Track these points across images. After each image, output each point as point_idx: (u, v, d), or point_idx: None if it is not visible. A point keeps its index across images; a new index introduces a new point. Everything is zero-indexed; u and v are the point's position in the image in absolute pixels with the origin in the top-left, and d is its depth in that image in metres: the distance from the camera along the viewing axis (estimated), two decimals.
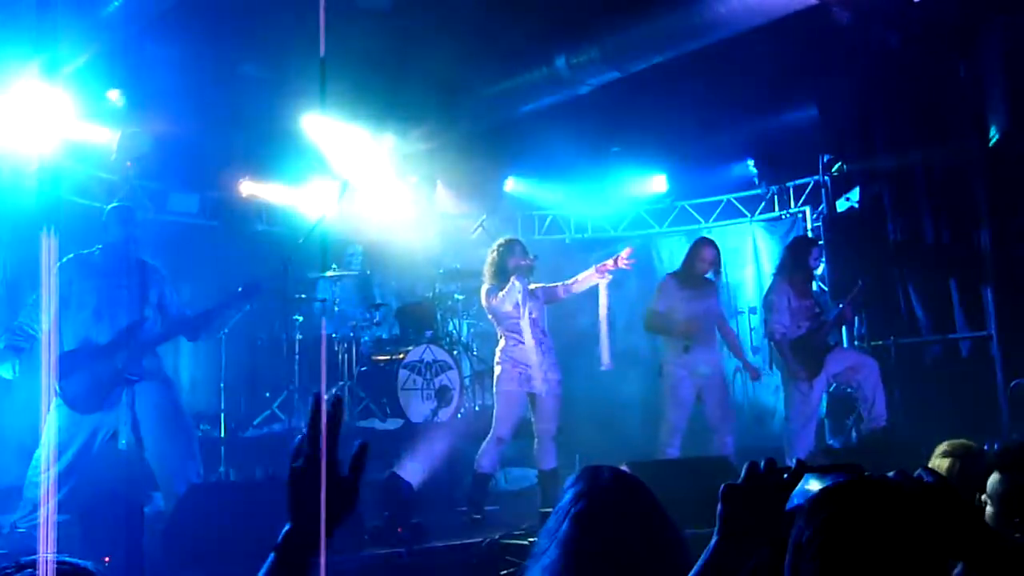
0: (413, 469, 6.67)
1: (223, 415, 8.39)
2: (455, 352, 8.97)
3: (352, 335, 8.87)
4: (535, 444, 6.68)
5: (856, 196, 9.23)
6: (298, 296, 8.97)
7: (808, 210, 10.10)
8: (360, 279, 9.56)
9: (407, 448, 7.22)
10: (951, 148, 8.01)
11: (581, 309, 11.07)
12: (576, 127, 9.69)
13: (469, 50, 8.34)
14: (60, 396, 5.63)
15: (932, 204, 8.32)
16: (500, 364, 6.65)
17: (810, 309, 7.36)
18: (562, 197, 11.49)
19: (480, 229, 8.82)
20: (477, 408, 8.96)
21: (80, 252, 5.95)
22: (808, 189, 10.11)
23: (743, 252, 10.74)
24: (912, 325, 8.48)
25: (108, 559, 4.42)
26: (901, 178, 8.63)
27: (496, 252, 6.74)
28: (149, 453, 5.74)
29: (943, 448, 3.42)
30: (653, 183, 11.16)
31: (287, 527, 1.76)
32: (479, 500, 6.57)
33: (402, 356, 8.53)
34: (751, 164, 9.92)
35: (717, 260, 7.36)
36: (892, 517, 1.56)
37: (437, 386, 8.55)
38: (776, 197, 10.34)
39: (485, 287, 6.74)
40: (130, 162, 8.07)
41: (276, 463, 7.68)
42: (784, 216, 10.35)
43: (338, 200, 8.40)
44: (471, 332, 9.66)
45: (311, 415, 1.78)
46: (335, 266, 9.24)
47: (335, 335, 8.85)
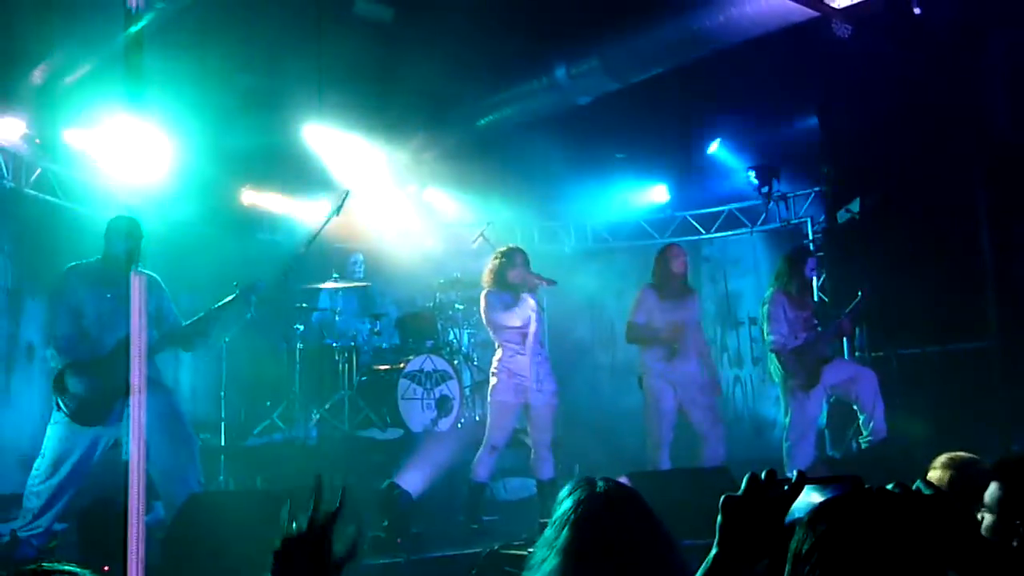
0: (413, 479, 6.66)
1: (223, 424, 8.38)
2: (455, 362, 8.97)
3: (352, 344, 8.87)
4: (531, 455, 6.68)
5: (857, 207, 9.22)
6: (299, 305, 8.98)
7: (809, 221, 10.10)
8: (361, 289, 9.57)
9: (407, 458, 7.22)
10: (952, 159, 8.02)
11: (580, 320, 11.14)
12: (577, 137, 9.71)
13: (470, 60, 8.37)
14: (62, 409, 5.61)
15: (933, 215, 8.32)
16: (496, 374, 6.65)
17: (808, 320, 7.34)
18: (562, 207, 11.49)
19: (481, 239, 8.82)
20: (477, 418, 8.95)
21: (80, 262, 5.95)
22: (809, 200, 10.12)
23: (744, 263, 10.74)
24: (913, 336, 8.47)
25: (108, 568, 4.40)
26: (902, 189, 8.63)
27: (497, 260, 6.74)
28: (150, 462, 5.71)
29: (942, 460, 3.42)
30: (654, 193, 11.17)
31: None
32: (476, 509, 6.57)
33: (402, 366, 8.53)
34: (752, 175, 9.91)
35: (684, 259, 7.31)
36: (891, 529, 1.56)
37: (437, 396, 8.55)
38: (777, 208, 10.34)
39: (484, 293, 6.74)
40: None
41: (276, 472, 7.69)
42: (785, 227, 10.35)
43: (338, 210, 8.40)
44: (472, 342, 9.65)
45: (314, 495, 1.77)
46: (336, 275, 9.25)
47: (336, 344, 8.84)
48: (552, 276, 6.85)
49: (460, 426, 8.64)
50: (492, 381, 6.68)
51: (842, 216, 9.48)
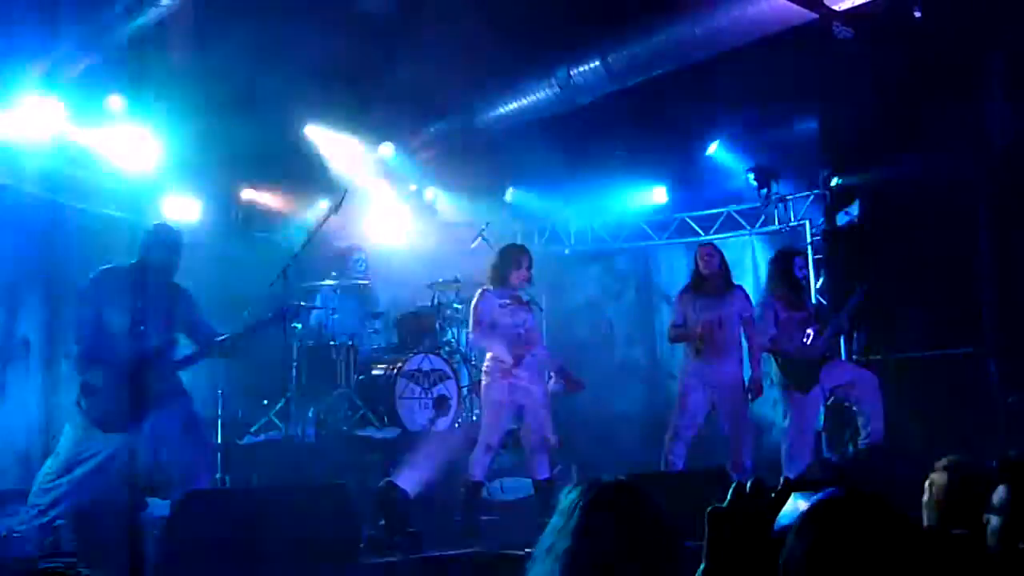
0: (410, 478, 6.65)
1: (220, 422, 8.36)
2: (453, 361, 8.97)
3: (350, 343, 8.85)
4: (526, 454, 6.67)
5: (856, 210, 9.23)
6: (297, 304, 8.96)
7: (808, 223, 10.10)
8: (359, 287, 9.55)
9: (404, 457, 7.21)
10: (951, 164, 8.02)
11: (579, 321, 11.13)
12: (577, 138, 9.70)
13: (471, 60, 8.35)
14: (84, 413, 5.51)
15: (931, 219, 8.32)
16: (488, 373, 6.64)
17: (803, 321, 7.32)
18: (562, 207, 11.49)
19: (480, 239, 8.82)
20: (475, 418, 8.94)
21: (114, 265, 5.88)
22: (808, 202, 10.11)
23: (742, 265, 10.73)
24: (910, 340, 8.46)
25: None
26: (901, 193, 8.63)
27: (503, 259, 6.73)
28: (168, 462, 5.72)
29: (941, 463, 3.41)
30: (654, 195, 11.17)
31: None
32: (472, 508, 6.56)
33: (400, 365, 8.52)
34: (751, 177, 9.91)
35: (715, 258, 7.26)
36: (881, 533, 1.56)
37: (435, 395, 8.55)
38: (776, 210, 10.34)
39: (481, 290, 6.73)
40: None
41: (273, 471, 7.67)
42: (784, 229, 10.34)
43: (336, 208, 8.39)
44: (470, 341, 9.64)
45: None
46: (335, 274, 9.24)
47: (334, 343, 8.83)
48: (552, 277, 6.85)
49: (457, 426, 8.64)
50: (484, 380, 6.67)
51: (841, 219, 9.49)
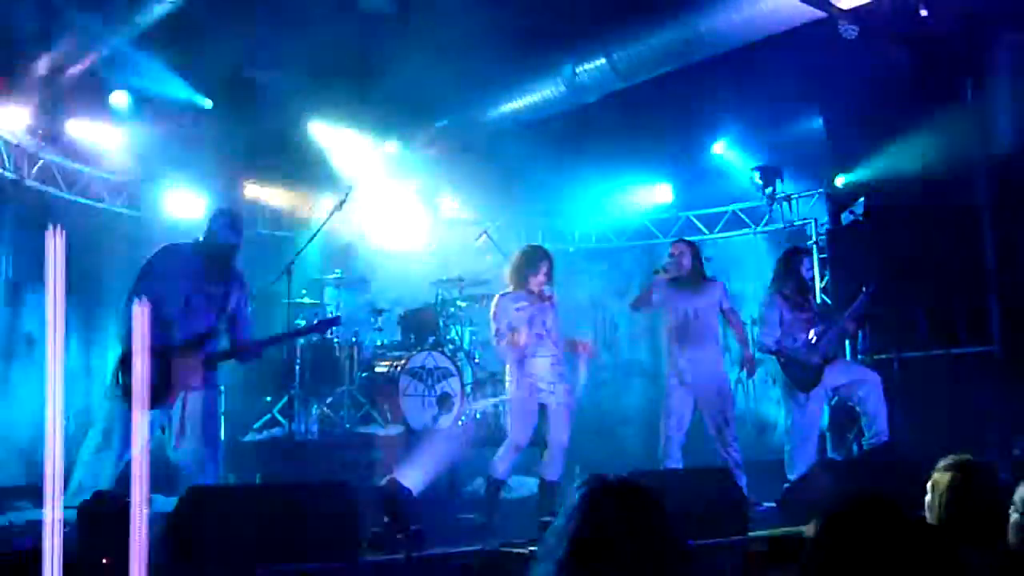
0: (413, 475, 6.63)
1: (223, 418, 8.36)
2: (457, 359, 8.96)
3: (354, 340, 8.86)
4: (544, 454, 6.63)
5: (860, 209, 9.22)
6: (301, 300, 8.97)
7: (812, 222, 10.08)
8: (363, 284, 9.55)
9: (407, 454, 7.20)
10: (956, 162, 8.00)
11: (583, 320, 11.12)
12: (582, 135, 9.70)
13: (477, 58, 8.35)
14: (119, 385, 5.44)
15: (936, 218, 8.30)
16: (510, 373, 6.60)
17: (808, 320, 7.30)
18: (567, 206, 11.48)
19: (484, 237, 8.81)
20: (478, 415, 8.94)
21: (179, 244, 5.83)
22: (813, 201, 10.10)
23: (746, 264, 10.71)
24: (915, 339, 8.45)
25: (107, 560, 4.39)
26: (905, 191, 8.61)
27: (522, 261, 6.65)
28: (182, 453, 5.64)
29: (945, 463, 3.40)
30: (658, 193, 11.15)
31: None
32: (492, 506, 6.50)
33: (404, 362, 8.52)
34: (756, 175, 9.89)
35: (685, 256, 7.20)
36: (900, 541, 1.55)
37: (438, 393, 8.54)
38: (780, 209, 10.32)
39: (498, 295, 6.66)
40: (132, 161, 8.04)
41: (276, 468, 7.68)
42: (788, 228, 10.33)
43: (341, 205, 8.39)
44: (473, 339, 9.63)
45: None
46: (339, 271, 9.24)
47: (337, 340, 8.83)
48: (556, 275, 6.79)
49: (461, 423, 8.63)
50: (508, 380, 6.65)
51: (846, 218, 9.48)
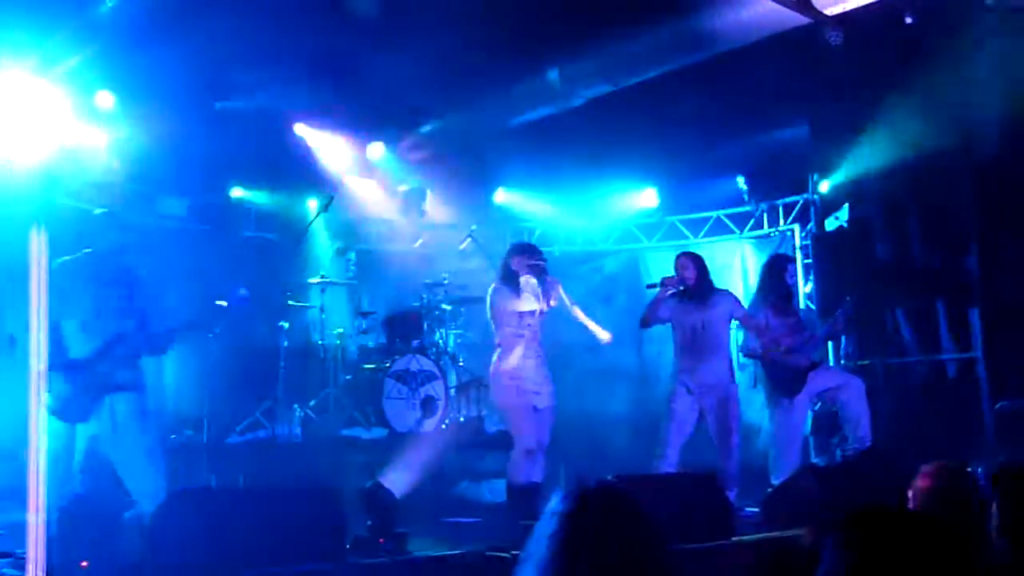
0: (397, 479, 6.62)
1: (206, 420, 8.33)
2: (441, 362, 8.95)
3: (339, 343, 8.84)
4: None
5: (845, 215, 9.26)
6: (286, 302, 8.94)
7: (797, 228, 10.12)
8: (348, 287, 9.54)
9: (391, 457, 7.19)
10: (941, 170, 8.05)
11: (567, 323, 11.11)
12: (568, 139, 9.70)
13: (462, 60, 8.35)
14: (48, 406, 5.49)
15: (920, 225, 8.35)
16: (498, 380, 6.56)
17: (792, 327, 7.33)
18: (551, 209, 11.48)
19: (469, 240, 8.81)
20: (462, 419, 8.93)
21: (69, 257, 5.83)
22: (797, 207, 10.13)
23: (731, 269, 10.74)
24: (899, 345, 8.49)
25: (85, 564, 4.37)
26: (890, 198, 8.66)
27: (505, 254, 6.72)
28: (121, 453, 5.66)
29: (927, 469, 3.41)
30: (643, 197, 11.17)
31: None
32: (519, 511, 6.16)
33: (388, 365, 8.50)
34: (741, 181, 9.93)
35: (688, 269, 7.18)
36: (926, 548, 1.54)
37: (422, 396, 8.53)
38: (766, 214, 10.36)
39: (491, 288, 6.68)
40: (118, 162, 8.03)
41: (259, 470, 7.65)
42: (773, 234, 10.36)
43: (325, 207, 8.38)
44: (458, 343, 9.63)
45: None
46: (323, 273, 9.22)
47: (322, 342, 8.81)
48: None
49: (445, 427, 8.62)
50: (495, 386, 6.62)
51: (830, 224, 9.52)
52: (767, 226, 10.43)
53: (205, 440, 8.19)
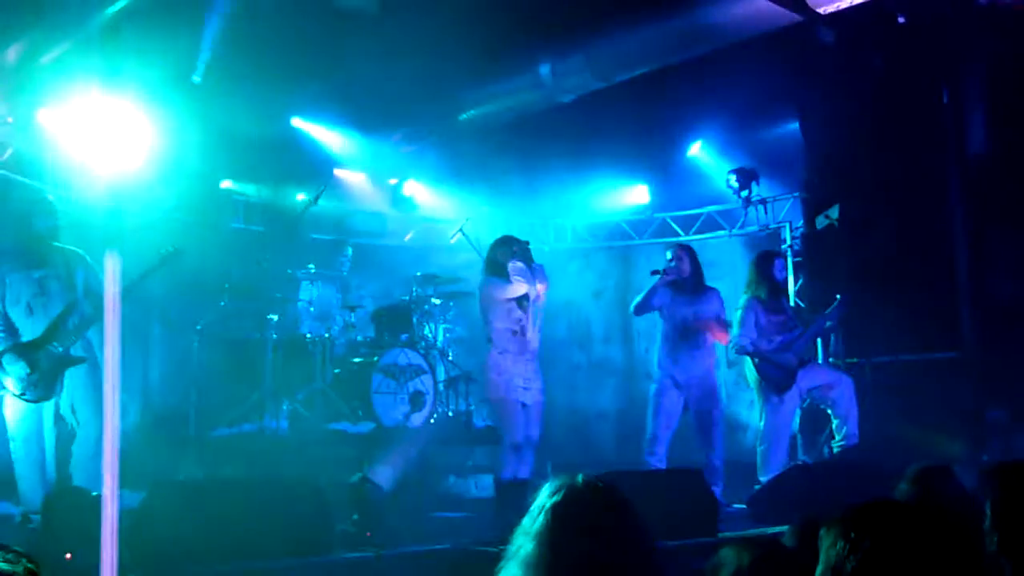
0: (384, 473, 6.61)
1: (193, 413, 8.31)
2: (430, 357, 8.93)
3: (327, 336, 8.80)
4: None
5: (835, 213, 9.26)
6: (274, 294, 8.89)
7: (788, 225, 10.12)
8: (337, 280, 9.50)
9: (379, 452, 7.17)
10: (930, 169, 8.07)
11: (557, 319, 11.12)
12: (558, 135, 9.69)
13: (454, 55, 8.32)
14: (9, 390, 5.81)
15: (910, 224, 8.36)
16: (487, 374, 6.55)
17: (783, 323, 7.35)
18: (542, 205, 11.47)
19: (459, 234, 8.79)
20: (450, 413, 8.92)
21: (3, 247, 6.14)
22: (788, 204, 10.13)
23: (721, 265, 10.74)
24: (887, 344, 8.50)
25: (69, 556, 4.35)
26: (880, 197, 8.67)
27: (488, 249, 6.75)
28: (83, 424, 5.95)
29: (915, 469, 3.42)
30: (634, 193, 11.17)
31: None
32: (506, 507, 6.20)
33: (376, 359, 8.48)
34: (732, 178, 9.92)
35: (683, 261, 7.31)
36: (935, 542, 1.54)
37: (411, 390, 8.50)
38: (756, 212, 10.36)
39: (480, 283, 6.69)
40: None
41: (246, 463, 7.62)
42: (764, 231, 10.37)
43: (315, 200, 8.35)
44: (447, 337, 9.61)
45: None
46: (312, 266, 9.18)
47: (310, 336, 8.78)
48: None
49: (433, 421, 8.60)
50: (486, 380, 6.62)
51: (821, 222, 9.52)
52: (757, 224, 10.44)
53: (192, 433, 8.16)
